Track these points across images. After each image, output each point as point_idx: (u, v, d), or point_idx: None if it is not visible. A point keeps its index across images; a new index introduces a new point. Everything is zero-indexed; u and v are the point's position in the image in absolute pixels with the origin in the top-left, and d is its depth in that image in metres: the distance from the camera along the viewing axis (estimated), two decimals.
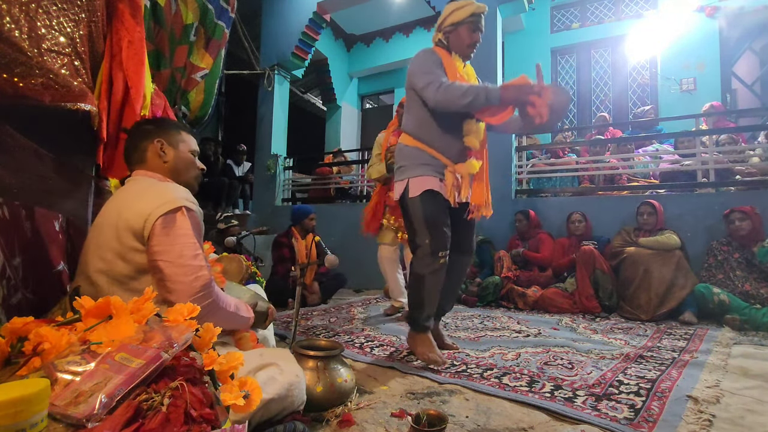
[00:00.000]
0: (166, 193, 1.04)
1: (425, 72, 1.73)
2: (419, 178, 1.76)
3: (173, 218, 1.01)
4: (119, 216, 1.01)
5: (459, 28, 1.81)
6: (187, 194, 1.09)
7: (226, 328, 1.16)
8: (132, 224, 0.99)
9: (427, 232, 1.73)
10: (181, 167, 1.20)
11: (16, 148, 1.08)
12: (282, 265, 3.55)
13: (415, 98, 1.80)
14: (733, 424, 1.21)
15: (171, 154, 1.18)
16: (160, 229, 0.99)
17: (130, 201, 1.04)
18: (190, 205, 1.05)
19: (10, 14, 1.01)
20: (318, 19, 5.56)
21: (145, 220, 0.98)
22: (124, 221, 1.00)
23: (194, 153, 1.25)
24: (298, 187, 5.91)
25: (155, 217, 0.98)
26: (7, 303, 0.94)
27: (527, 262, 3.59)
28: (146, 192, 1.05)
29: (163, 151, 1.17)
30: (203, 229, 1.12)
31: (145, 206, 1.00)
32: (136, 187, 1.09)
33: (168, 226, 1.00)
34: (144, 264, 1.01)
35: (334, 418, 1.23)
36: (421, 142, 1.80)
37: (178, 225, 1.01)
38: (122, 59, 1.39)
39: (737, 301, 2.60)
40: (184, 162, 1.21)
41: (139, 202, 1.02)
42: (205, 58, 2.54)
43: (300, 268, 1.86)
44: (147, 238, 0.99)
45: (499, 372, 1.67)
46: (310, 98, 8.15)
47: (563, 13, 5.82)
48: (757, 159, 3.37)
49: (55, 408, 0.59)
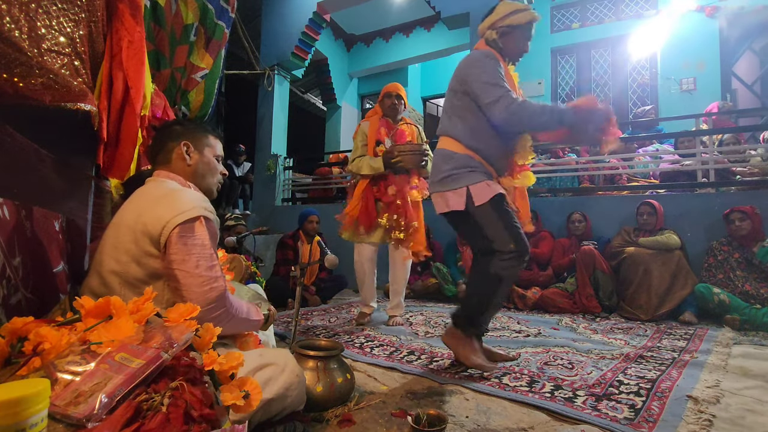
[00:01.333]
0: (186, 201, 1.04)
1: (493, 84, 1.62)
2: (481, 185, 1.68)
3: (191, 227, 1.01)
4: (138, 219, 1.01)
5: (516, 32, 1.74)
6: (205, 203, 1.09)
7: (237, 333, 1.17)
8: (150, 229, 0.99)
9: (509, 237, 1.64)
10: (205, 172, 1.21)
11: (16, 148, 1.08)
12: (284, 266, 3.55)
13: (471, 106, 1.71)
14: (733, 424, 1.21)
15: (195, 158, 1.19)
16: (178, 237, 0.99)
17: (149, 205, 1.04)
18: (208, 215, 1.05)
19: (10, 14, 1.00)
20: (318, 19, 5.56)
21: (163, 227, 0.98)
22: (142, 225, 1.00)
23: (218, 158, 1.25)
24: (298, 187, 5.91)
25: (173, 225, 0.98)
26: (7, 303, 0.94)
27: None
28: (166, 197, 1.05)
29: (188, 155, 1.17)
30: (219, 238, 1.13)
31: (164, 213, 1.00)
32: (157, 191, 1.09)
33: (186, 235, 1.00)
34: (158, 269, 1.01)
35: (334, 418, 1.23)
36: (472, 150, 1.73)
37: (196, 235, 1.01)
38: (122, 59, 1.39)
39: (737, 301, 2.60)
40: (208, 167, 1.22)
41: (158, 207, 1.02)
42: (205, 58, 2.54)
43: (300, 268, 1.86)
44: (164, 246, 0.99)
45: (499, 372, 1.67)
46: (310, 98, 8.15)
47: (563, 13, 5.82)
48: (758, 159, 3.37)
49: (55, 408, 0.59)
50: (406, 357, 1.89)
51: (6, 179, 1.03)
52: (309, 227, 3.65)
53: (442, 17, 4.71)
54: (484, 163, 1.74)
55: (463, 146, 1.74)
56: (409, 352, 1.97)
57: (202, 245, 1.01)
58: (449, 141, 1.78)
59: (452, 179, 1.73)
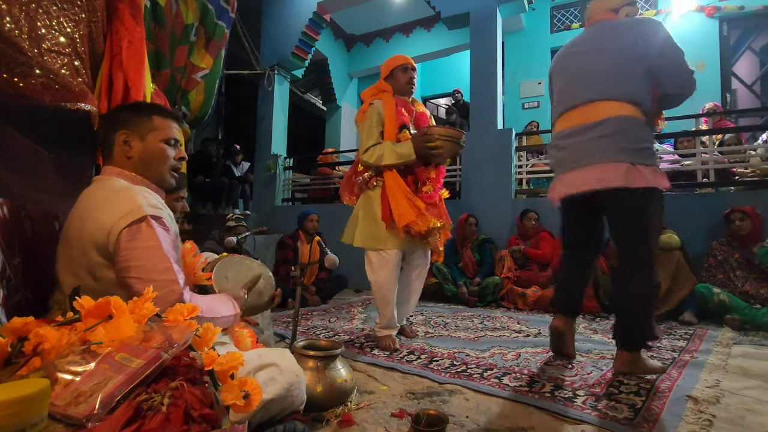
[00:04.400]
0: (129, 201, 0.95)
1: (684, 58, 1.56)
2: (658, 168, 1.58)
3: (138, 230, 0.93)
4: (82, 228, 0.94)
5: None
6: (153, 199, 1.00)
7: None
8: (95, 239, 0.93)
9: (656, 237, 1.58)
10: (150, 161, 1.07)
11: (16, 148, 1.08)
12: (284, 266, 3.55)
13: (649, 77, 1.60)
14: (733, 424, 1.21)
15: (137, 148, 1.06)
16: (125, 243, 0.91)
17: (90, 211, 0.96)
18: (155, 212, 0.97)
19: (10, 14, 1.01)
20: (318, 19, 5.56)
21: (107, 234, 0.92)
22: (87, 235, 0.93)
23: (169, 141, 1.10)
24: (298, 187, 5.91)
25: (118, 230, 0.91)
26: (7, 303, 0.94)
27: (527, 260, 3.59)
28: (108, 200, 0.96)
29: (128, 145, 1.05)
30: (175, 232, 1.04)
31: (107, 218, 0.93)
32: (98, 194, 1.00)
33: (133, 239, 0.92)
34: (115, 279, 0.94)
35: (334, 418, 1.23)
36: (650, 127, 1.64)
37: (144, 237, 0.93)
38: (122, 59, 1.40)
39: (737, 301, 2.60)
40: (153, 155, 1.07)
41: (99, 213, 0.94)
42: (205, 58, 2.54)
43: (300, 268, 1.86)
44: (113, 254, 0.92)
45: (499, 372, 1.67)
46: (310, 98, 8.14)
47: (563, 13, 5.82)
48: (758, 159, 3.37)
49: (55, 408, 0.59)
50: (406, 357, 1.89)
51: (6, 179, 1.03)
52: (309, 226, 3.65)
53: (442, 17, 4.71)
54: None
55: (646, 119, 1.61)
56: (409, 352, 1.97)
57: (152, 247, 0.93)
58: (632, 108, 1.59)
59: (650, 153, 1.58)
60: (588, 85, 1.68)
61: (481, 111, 4.33)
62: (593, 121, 1.62)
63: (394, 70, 2.17)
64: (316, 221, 3.72)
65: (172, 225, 1.03)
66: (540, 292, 3.22)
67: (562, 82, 1.81)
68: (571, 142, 1.69)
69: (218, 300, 1.12)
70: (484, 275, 3.57)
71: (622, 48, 1.62)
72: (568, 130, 1.72)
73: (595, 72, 1.67)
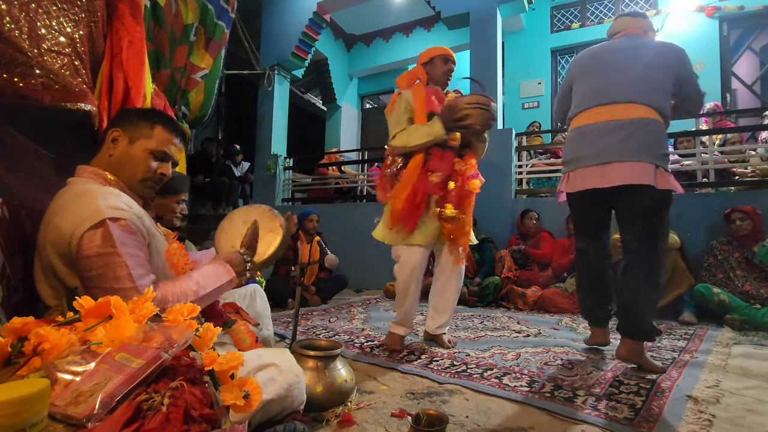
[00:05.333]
0: (87, 206, 0.89)
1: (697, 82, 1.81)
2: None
3: (96, 235, 0.88)
4: (46, 236, 0.90)
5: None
6: (113, 200, 0.93)
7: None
8: (57, 248, 0.89)
9: (667, 235, 1.76)
10: (126, 164, 1.02)
11: (16, 148, 1.08)
12: (284, 266, 3.55)
13: (671, 91, 1.77)
14: (733, 424, 1.21)
15: (121, 148, 1.01)
16: (85, 251, 0.87)
17: (52, 217, 0.91)
18: (115, 214, 0.90)
19: (10, 14, 1.01)
20: (318, 19, 5.56)
21: (68, 243, 0.88)
22: (50, 245, 0.89)
23: (157, 153, 1.04)
24: (298, 187, 5.91)
25: (78, 237, 0.87)
26: (7, 303, 0.94)
27: (527, 260, 3.60)
28: (68, 206, 0.91)
29: (116, 143, 1.02)
30: (143, 229, 0.97)
31: (66, 225, 0.88)
32: (61, 199, 0.95)
33: (92, 246, 0.87)
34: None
35: (334, 418, 1.23)
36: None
37: (104, 243, 0.88)
38: (122, 59, 1.40)
39: (737, 301, 2.60)
40: (132, 159, 1.02)
41: (60, 219, 0.90)
42: (205, 58, 2.54)
43: (300, 268, 1.86)
44: (75, 262, 0.88)
45: (499, 372, 1.67)
46: (310, 98, 8.14)
47: (563, 13, 5.82)
48: (758, 159, 3.37)
49: (55, 408, 0.59)
50: (406, 357, 1.89)
51: (6, 179, 1.03)
52: (309, 226, 3.65)
53: (442, 17, 4.71)
54: None
55: (666, 126, 1.76)
56: (409, 352, 1.97)
57: (112, 254, 0.88)
58: (658, 115, 1.73)
59: (668, 160, 1.75)
60: (622, 87, 1.77)
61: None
62: (624, 119, 1.71)
63: (434, 58, 2.12)
64: (316, 221, 3.72)
65: (141, 225, 0.97)
66: (540, 292, 3.22)
67: (595, 80, 1.87)
68: (599, 136, 1.76)
69: (203, 274, 1.03)
70: (484, 275, 3.57)
71: (654, 61, 1.76)
72: (599, 124, 1.79)
73: (630, 77, 1.77)
